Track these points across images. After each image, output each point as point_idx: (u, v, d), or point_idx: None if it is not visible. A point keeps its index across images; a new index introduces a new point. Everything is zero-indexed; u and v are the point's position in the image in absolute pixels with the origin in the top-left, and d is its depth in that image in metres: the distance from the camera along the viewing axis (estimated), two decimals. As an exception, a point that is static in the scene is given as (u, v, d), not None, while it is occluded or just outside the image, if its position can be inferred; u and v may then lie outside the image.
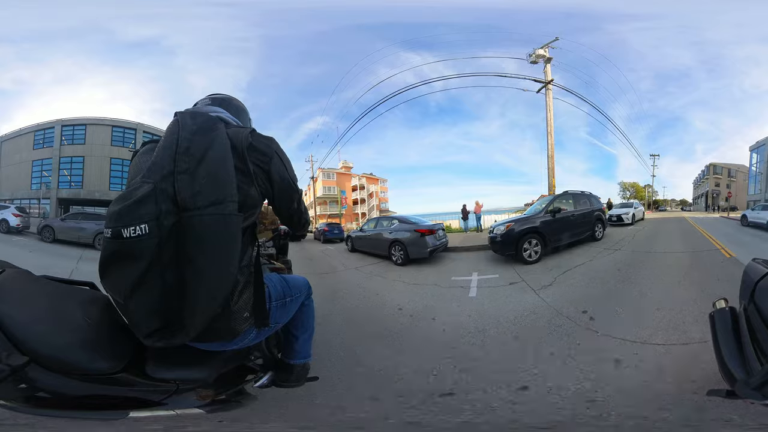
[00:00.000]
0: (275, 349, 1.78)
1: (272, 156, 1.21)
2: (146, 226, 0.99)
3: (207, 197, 1.04)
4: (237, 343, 1.30)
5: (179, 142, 1.09)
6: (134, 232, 0.99)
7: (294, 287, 1.57)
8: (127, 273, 1.01)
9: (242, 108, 1.46)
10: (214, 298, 1.09)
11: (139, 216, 1.00)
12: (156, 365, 1.26)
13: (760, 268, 1.61)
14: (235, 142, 1.15)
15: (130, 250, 1.00)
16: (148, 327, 1.08)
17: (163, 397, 1.32)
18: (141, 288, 1.02)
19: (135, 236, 0.99)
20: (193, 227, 1.03)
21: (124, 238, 0.99)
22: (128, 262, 1.01)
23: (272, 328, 1.46)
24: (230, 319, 1.19)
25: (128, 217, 1.00)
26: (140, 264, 1.00)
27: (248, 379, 1.70)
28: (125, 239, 0.99)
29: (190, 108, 1.31)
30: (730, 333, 1.55)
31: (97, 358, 1.14)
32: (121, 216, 1.00)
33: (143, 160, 1.17)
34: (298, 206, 1.38)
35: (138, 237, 0.99)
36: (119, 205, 1.02)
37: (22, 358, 1.02)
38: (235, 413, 1.76)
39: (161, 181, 1.04)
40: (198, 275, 1.04)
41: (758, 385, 1.28)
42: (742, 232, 10.68)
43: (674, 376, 2.45)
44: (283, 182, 1.25)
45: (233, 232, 1.08)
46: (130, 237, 0.99)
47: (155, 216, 1.00)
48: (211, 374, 1.40)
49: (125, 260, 1.01)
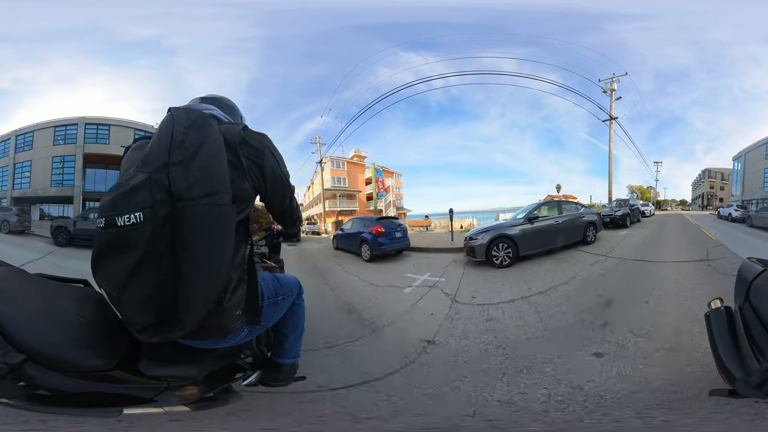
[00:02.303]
0: (265, 347, 1.78)
1: (264, 151, 1.21)
2: (141, 214, 0.97)
3: (201, 189, 1.04)
4: (228, 340, 1.30)
5: (174, 135, 1.08)
6: (129, 220, 0.97)
7: (285, 286, 1.58)
8: (121, 263, 0.99)
9: (233, 107, 1.47)
10: (209, 290, 1.07)
11: (133, 204, 0.98)
12: (148, 362, 1.26)
13: (754, 267, 1.61)
14: (227, 137, 1.14)
15: (124, 238, 0.98)
16: (142, 321, 1.07)
17: (154, 394, 1.32)
18: (135, 279, 1.00)
19: (130, 224, 0.97)
20: (187, 217, 1.02)
21: (118, 227, 0.98)
22: (123, 252, 0.99)
23: (263, 326, 1.46)
24: (222, 316, 1.18)
25: (122, 206, 0.98)
26: (135, 253, 0.98)
27: (237, 377, 1.70)
28: (120, 228, 0.98)
29: (183, 105, 1.30)
30: (727, 332, 1.55)
31: (90, 355, 1.14)
32: (115, 204, 0.99)
33: (135, 155, 1.16)
34: (290, 203, 1.38)
35: (133, 225, 0.97)
36: (113, 194, 1.01)
37: (18, 356, 1.02)
38: (222, 411, 1.76)
39: (156, 171, 1.03)
40: (193, 265, 1.03)
41: (758, 383, 1.29)
42: (713, 220, 15.14)
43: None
44: (276, 178, 1.24)
45: (228, 222, 1.08)
46: (124, 225, 0.97)
47: (150, 204, 0.98)
48: (202, 372, 1.40)
49: (120, 250, 0.99)
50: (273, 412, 1.99)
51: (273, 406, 2.02)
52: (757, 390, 1.30)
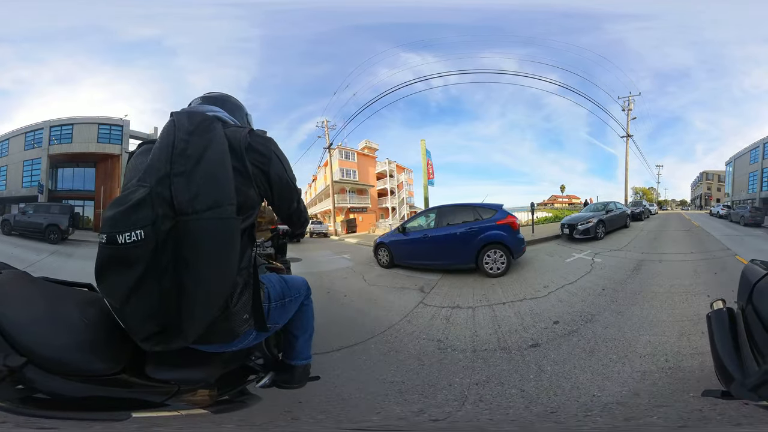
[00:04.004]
0: (275, 349, 1.77)
1: (271, 157, 1.20)
2: (142, 231, 0.97)
3: (204, 201, 1.02)
4: (236, 344, 1.29)
5: (175, 143, 1.06)
6: (129, 238, 0.96)
7: (293, 287, 1.56)
8: (122, 279, 0.99)
9: (238, 105, 1.44)
10: (212, 304, 1.07)
11: (134, 222, 0.97)
12: (155, 366, 1.25)
13: (758, 269, 1.62)
14: (233, 142, 1.13)
15: (125, 256, 0.98)
16: (145, 332, 1.07)
17: (164, 398, 1.31)
18: (137, 294, 1.00)
19: (131, 242, 0.96)
20: (189, 232, 1.01)
21: (119, 244, 0.97)
22: (124, 269, 0.99)
23: (272, 328, 1.44)
24: (229, 320, 1.18)
25: (123, 223, 0.97)
26: (136, 270, 0.98)
27: (250, 379, 1.69)
28: (120, 245, 0.97)
29: (185, 108, 1.29)
30: (728, 334, 1.56)
31: (94, 359, 1.14)
32: (116, 222, 0.98)
33: (139, 162, 1.14)
34: (298, 205, 1.38)
35: (134, 243, 0.96)
36: (114, 210, 1.00)
37: (19, 359, 1.02)
38: (239, 413, 1.75)
39: (157, 184, 1.02)
40: (196, 280, 1.03)
41: (754, 386, 1.29)
42: (704, 216, 19.75)
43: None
44: (282, 183, 1.24)
45: (232, 236, 1.07)
46: (125, 243, 0.96)
47: (151, 221, 0.98)
48: (212, 375, 1.40)
49: (120, 266, 0.99)
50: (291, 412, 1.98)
51: (290, 406, 2.01)
52: (753, 392, 1.31)
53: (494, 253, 5.81)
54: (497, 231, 5.93)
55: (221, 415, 1.68)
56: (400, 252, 6.94)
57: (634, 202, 19.60)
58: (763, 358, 1.34)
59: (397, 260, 6.94)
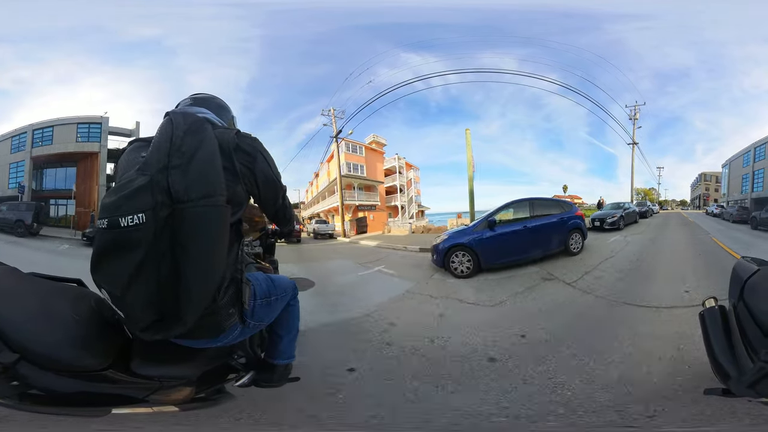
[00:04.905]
0: (258, 348, 1.77)
1: (256, 156, 1.26)
2: (143, 215, 1.01)
3: (198, 191, 1.08)
4: (222, 339, 1.32)
5: (173, 139, 1.12)
6: (132, 221, 1.01)
7: (279, 287, 1.58)
8: (124, 263, 1.03)
9: (224, 106, 1.51)
10: (209, 286, 1.11)
11: (136, 206, 1.02)
12: (141, 362, 1.27)
13: (748, 266, 1.61)
14: (222, 143, 1.19)
15: (127, 239, 1.02)
16: (144, 320, 1.09)
17: (145, 394, 1.31)
18: (139, 278, 1.03)
19: (133, 225, 1.01)
20: (185, 219, 1.06)
21: (121, 227, 1.01)
22: (125, 252, 1.02)
23: (256, 326, 1.46)
24: (216, 314, 1.21)
25: (126, 207, 1.02)
26: (138, 253, 1.02)
27: (230, 378, 1.69)
28: (123, 228, 1.01)
29: (178, 108, 1.37)
30: (721, 331, 1.56)
31: (85, 355, 1.15)
32: (119, 206, 1.03)
33: (133, 157, 1.20)
34: (283, 202, 1.42)
35: (135, 226, 1.01)
36: (116, 196, 1.04)
37: (12, 355, 1.03)
38: (211, 411, 1.75)
39: (156, 174, 1.07)
40: (192, 264, 1.07)
41: (751, 382, 1.29)
42: (700, 215, 22.35)
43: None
44: (268, 180, 1.30)
45: (224, 222, 1.12)
46: (127, 226, 1.01)
47: (152, 206, 1.02)
48: (195, 372, 1.40)
49: (122, 250, 1.02)
50: (263, 413, 1.96)
51: (263, 406, 1.99)
52: (751, 389, 1.30)
53: (575, 237, 7.31)
54: (577, 220, 7.46)
55: (193, 412, 1.68)
56: (489, 252, 6.08)
57: (639, 202, 20.36)
58: (756, 355, 1.33)
59: (486, 263, 5.96)
